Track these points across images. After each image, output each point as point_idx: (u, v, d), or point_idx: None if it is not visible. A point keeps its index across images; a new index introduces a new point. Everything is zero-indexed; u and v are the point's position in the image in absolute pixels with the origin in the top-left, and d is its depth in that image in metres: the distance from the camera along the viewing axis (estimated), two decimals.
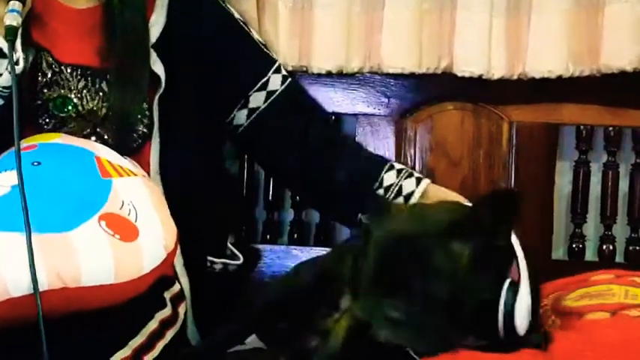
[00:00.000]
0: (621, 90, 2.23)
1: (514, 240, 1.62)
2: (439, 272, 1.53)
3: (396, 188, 2.05)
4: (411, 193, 2.05)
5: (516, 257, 1.62)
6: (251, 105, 2.07)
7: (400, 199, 2.04)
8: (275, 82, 2.09)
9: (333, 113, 2.32)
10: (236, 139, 2.13)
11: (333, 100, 2.31)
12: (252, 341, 2.07)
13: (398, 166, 2.09)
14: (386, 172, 2.07)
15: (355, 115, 2.32)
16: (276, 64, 2.11)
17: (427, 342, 1.54)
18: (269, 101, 2.08)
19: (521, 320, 1.60)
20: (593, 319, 1.70)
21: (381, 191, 2.05)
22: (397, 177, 2.06)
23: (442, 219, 1.59)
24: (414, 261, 1.54)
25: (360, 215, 2.06)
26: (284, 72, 2.12)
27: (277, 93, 2.08)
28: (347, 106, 2.31)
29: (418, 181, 2.06)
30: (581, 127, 2.29)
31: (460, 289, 1.54)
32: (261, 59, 2.11)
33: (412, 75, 2.25)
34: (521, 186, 2.26)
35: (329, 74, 2.27)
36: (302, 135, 2.09)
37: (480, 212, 1.57)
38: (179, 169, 1.94)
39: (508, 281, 1.59)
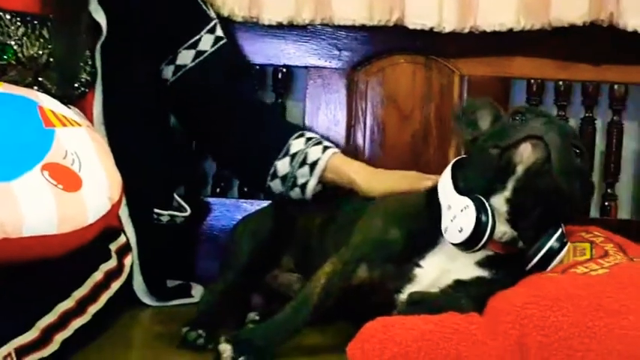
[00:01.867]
0: (572, 44, 2.23)
1: None
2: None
3: (302, 156, 2.06)
4: (316, 161, 2.06)
5: None
6: (178, 62, 2.07)
7: (305, 168, 2.06)
8: (206, 42, 2.08)
9: (284, 65, 2.30)
10: (163, 93, 2.10)
11: (284, 52, 2.29)
12: (198, 293, 2.08)
13: (309, 134, 2.11)
14: (294, 139, 2.08)
15: (306, 67, 2.30)
16: (212, 24, 2.10)
17: None
18: (197, 61, 2.07)
19: (551, 268, 1.73)
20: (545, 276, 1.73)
21: (287, 159, 2.06)
22: (305, 144, 2.07)
23: None
24: None
25: (267, 181, 2.08)
26: (219, 33, 2.11)
27: (207, 54, 2.08)
28: (298, 58, 2.29)
29: (325, 149, 2.07)
30: (532, 80, 2.28)
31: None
32: (196, 17, 2.10)
33: (363, 27, 2.23)
34: None
35: (279, 26, 2.25)
36: (222, 99, 2.10)
37: None
38: (123, 118, 1.93)
39: (560, 230, 1.74)
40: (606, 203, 2.30)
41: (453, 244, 1.72)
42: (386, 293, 1.77)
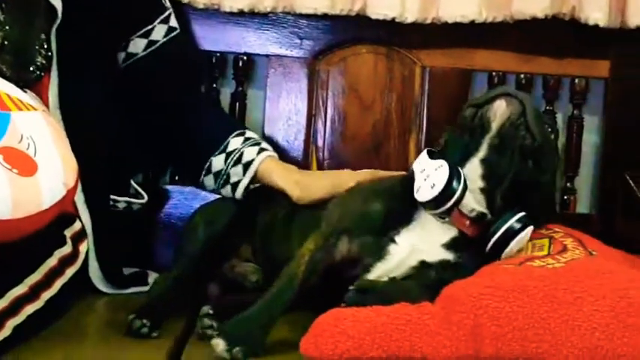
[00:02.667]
0: (533, 37, 2.24)
1: None
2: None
3: (238, 154, 2.07)
4: (251, 162, 2.06)
5: None
6: (130, 49, 2.05)
7: (239, 167, 2.06)
8: (159, 32, 2.07)
9: (245, 53, 2.29)
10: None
11: (245, 40, 2.28)
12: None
13: (249, 134, 2.11)
14: (233, 137, 2.09)
15: (267, 55, 2.29)
16: (166, 14, 2.09)
17: None
18: (148, 50, 2.06)
19: (510, 249, 1.76)
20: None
21: (222, 156, 2.07)
22: (242, 143, 2.08)
23: None
24: None
25: (202, 177, 2.08)
26: (173, 23, 2.10)
27: (158, 44, 2.07)
28: (259, 46, 2.28)
29: (261, 151, 2.07)
30: (493, 73, 2.28)
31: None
32: (150, 5, 2.08)
33: (325, 16, 2.22)
34: (433, 131, 2.26)
35: (241, 13, 2.23)
36: (167, 90, 2.09)
37: None
38: (79, 103, 1.90)
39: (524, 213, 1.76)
40: (565, 197, 2.31)
41: (424, 204, 1.74)
42: (355, 272, 1.79)
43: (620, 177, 2.22)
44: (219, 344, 1.65)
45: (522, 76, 2.28)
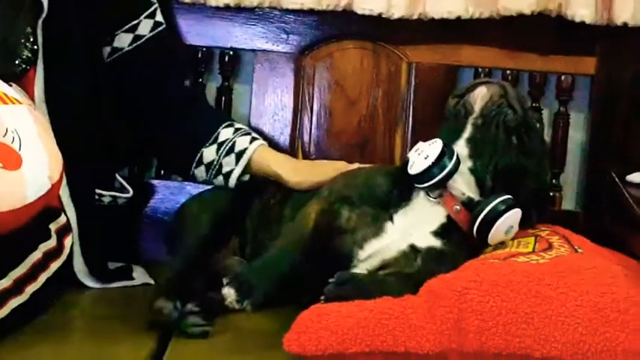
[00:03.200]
0: (519, 33, 2.24)
1: None
2: None
3: (230, 144, 2.08)
4: (244, 151, 2.08)
5: None
6: (115, 44, 2.05)
7: (231, 156, 2.07)
8: (145, 26, 2.07)
9: (232, 48, 2.29)
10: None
11: (232, 34, 2.28)
12: (140, 276, 2.06)
13: (237, 125, 2.13)
14: (223, 128, 2.10)
15: (254, 50, 2.29)
16: (152, 8, 2.08)
17: None
18: (134, 45, 2.06)
19: (496, 230, 1.79)
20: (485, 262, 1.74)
21: (214, 146, 2.08)
22: (233, 134, 2.09)
23: None
24: None
25: (192, 168, 2.09)
26: (159, 18, 2.09)
27: (144, 39, 2.06)
28: (245, 41, 2.28)
29: (253, 140, 2.09)
30: (479, 69, 2.28)
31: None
32: (136, 0, 2.07)
33: (312, 11, 2.23)
34: (419, 127, 2.27)
35: (227, 8, 2.23)
36: (154, 85, 2.09)
37: None
38: (65, 97, 1.90)
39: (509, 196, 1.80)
40: (551, 194, 2.31)
41: (416, 176, 1.79)
42: (349, 246, 1.83)
43: (606, 174, 2.22)
44: (231, 294, 1.75)
45: (508, 72, 2.28)
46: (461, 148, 1.82)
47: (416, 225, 1.83)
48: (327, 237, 1.84)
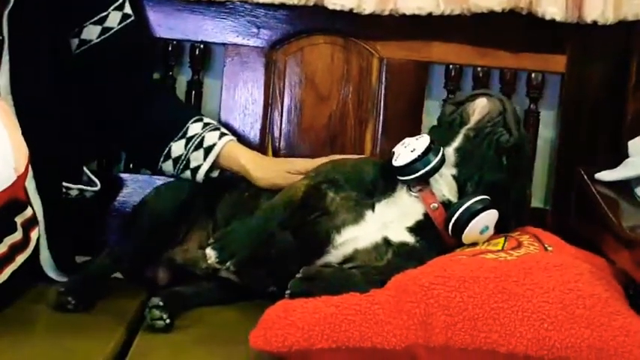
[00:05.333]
0: (490, 30, 2.24)
1: None
2: None
3: (199, 139, 2.08)
4: (212, 146, 2.08)
5: None
6: (83, 36, 2.04)
7: (200, 152, 2.07)
8: (114, 19, 2.06)
9: (202, 42, 2.27)
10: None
11: (202, 28, 2.26)
12: None
13: (206, 119, 2.12)
14: (192, 122, 2.10)
15: (224, 44, 2.27)
16: (121, 0, 2.07)
17: None
18: (102, 38, 2.04)
19: (470, 232, 1.80)
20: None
21: (183, 141, 2.07)
22: (202, 129, 2.09)
23: None
24: None
25: (160, 162, 2.09)
26: (127, 10, 2.08)
27: (112, 31, 2.05)
28: (216, 35, 2.26)
29: (222, 135, 2.09)
30: (451, 66, 2.28)
31: None
32: None
33: (283, 6, 2.22)
34: (389, 123, 2.26)
35: (198, 1, 2.23)
36: (122, 79, 2.08)
37: None
38: (31, 88, 1.89)
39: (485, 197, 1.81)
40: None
41: (400, 170, 1.81)
42: (328, 230, 1.83)
43: (575, 172, 2.23)
44: (212, 256, 1.74)
45: (479, 69, 2.28)
46: (448, 155, 1.83)
47: (394, 218, 1.84)
48: (310, 214, 1.84)
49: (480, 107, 1.82)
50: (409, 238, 1.83)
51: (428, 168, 1.79)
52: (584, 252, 1.88)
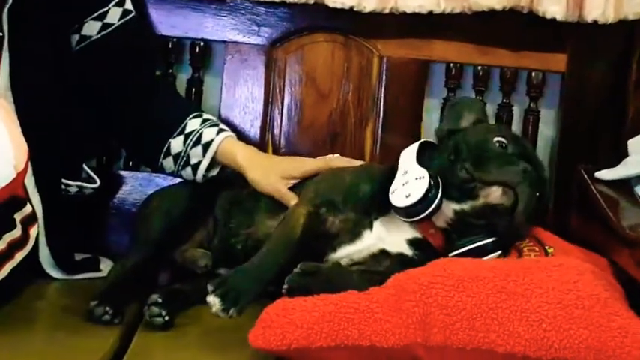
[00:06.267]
0: (491, 29, 2.24)
1: None
2: None
3: (197, 135, 2.07)
4: (210, 142, 2.06)
5: None
6: (84, 32, 2.03)
7: (199, 148, 2.06)
8: (114, 15, 2.05)
9: (202, 39, 2.27)
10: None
11: (203, 25, 2.26)
12: (107, 268, 2.04)
13: (205, 116, 2.11)
14: (191, 119, 2.09)
15: (224, 42, 2.27)
16: None
17: None
18: (102, 34, 2.04)
19: None
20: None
21: (181, 137, 2.06)
22: (200, 125, 2.08)
23: None
24: None
25: (160, 160, 2.08)
26: (128, 6, 2.08)
27: (113, 27, 2.05)
28: (216, 32, 2.26)
29: (220, 132, 2.07)
30: (451, 64, 2.28)
31: None
32: None
33: (283, 3, 2.22)
34: (390, 121, 2.26)
35: None
36: (121, 75, 2.07)
37: None
38: (31, 85, 1.89)
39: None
40: None
41: (395, 208, 1.76)
42: (324, 248, 1.83)
43: (575, 171, 2.23)
44: (215, 303, 1.66)
45: (480, 67, 2.28)
46: (447, 209, 1.77)
47: (392, 234, 1.82)
48: (312, 241, 1.82)
49: (492, 197, 1.74)
50: (408, 251, 1.82)
51: (421, 217, 1.74)
52: (586, 251, 1.89)
